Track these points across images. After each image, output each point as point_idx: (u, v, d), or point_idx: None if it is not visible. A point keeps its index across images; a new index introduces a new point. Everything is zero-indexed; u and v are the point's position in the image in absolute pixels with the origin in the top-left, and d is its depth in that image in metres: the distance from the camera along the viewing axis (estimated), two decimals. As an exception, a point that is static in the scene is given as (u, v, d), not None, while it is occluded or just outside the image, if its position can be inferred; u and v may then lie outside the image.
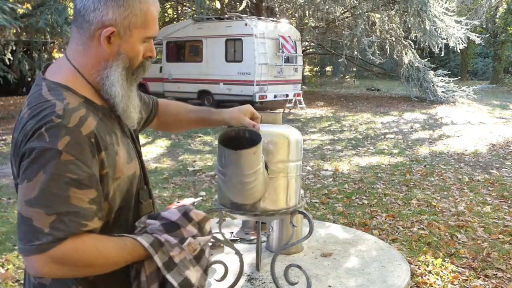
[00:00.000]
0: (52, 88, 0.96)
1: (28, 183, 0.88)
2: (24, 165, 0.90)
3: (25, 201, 0.88)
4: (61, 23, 10.87)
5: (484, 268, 3.23)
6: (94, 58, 0.99)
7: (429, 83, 15.54)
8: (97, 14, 0.96)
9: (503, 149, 7.78)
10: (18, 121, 0.97)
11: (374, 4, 14.27)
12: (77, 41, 1.00)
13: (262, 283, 1.53)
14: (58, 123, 0.89)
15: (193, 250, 1.04)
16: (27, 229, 0.88)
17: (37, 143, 0.88)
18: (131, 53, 1.01)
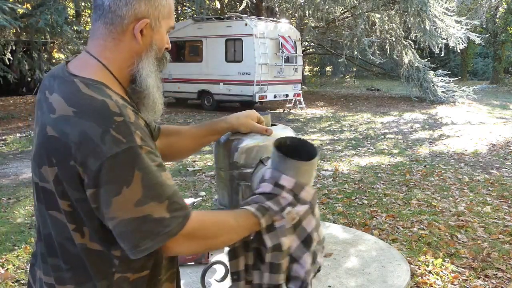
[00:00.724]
0: (90, 85, 0.94)
1: (128, 187, 0.87)
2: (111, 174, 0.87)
3: (134, 204, 0.88)
4: (61, 23, 10.86)
5: (484, 268, 3.23)
6: (126, 53, 0.99)
7: (429, 83, 15.54)
8: (130, 7, 0.96)
9: (503, 149, 7.78)
10: (57, 119, 0.91)
11: (374, 4, 14.27)
12: (105, 38, 0.98)
13: (262, 283, 1.53)
14: (122, 121, 0.89)
15: (292, 219, 1.07)
16: (150, 225, 0.89)
17: (115, 147, 0.86)
18: (160, 44, 1.03)
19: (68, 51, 15.84)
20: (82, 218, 0.93)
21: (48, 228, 0.98)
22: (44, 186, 0.95)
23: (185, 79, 13.61)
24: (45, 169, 0.93)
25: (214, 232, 1.00)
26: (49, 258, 0.99)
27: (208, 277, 1.46)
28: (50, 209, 0.96)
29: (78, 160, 0.87)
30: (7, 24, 9.25)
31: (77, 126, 0.88)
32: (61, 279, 0.98)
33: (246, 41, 12.25)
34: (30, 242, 3.72)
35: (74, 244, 0.95)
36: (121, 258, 0.97)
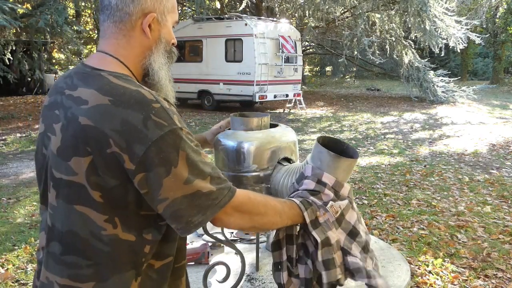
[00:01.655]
0: (118, 77, 0.97)
1: (176, 167, 0.91)
2: (159, 157, 0.90)
3: (184, 182, 0.92)
4: (61, 23, 10.86)
5: (484, 268, 3.23)
6: (138, 48, 1.03)
7: (429, 83, 15.53)
8: (136, 4, 1.00)
9: (503, 149, 7.78)
10: (91, 109, 0.93)
11: (374, 4, 14.27)
12: (116, 36, 1.02)
13: (262, 283, 1.53)
14: (160, 106, 0.93)
15: (335, 212, 1.14)
16: (201, 200, 0.94)
17: (158, 130, 0.90)
18: (168, 37, 1.07)
19: (68, 51, 15.85)
20: (114, 208, 0.95)
21: (69, 225, 0.97)
22: (71, 179, 0.95)
23: (185, 79, 13.60)
24: (75, 160, 0.93)
25: (260, 210, 1.04)
26: (66, 257, 0.98)
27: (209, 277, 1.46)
28: (76, 203, 0.95)
29: (122, 147, 0.89)
30: (7, 24, 9.25)
31: (116, 114, 0.90)
32: (79, 276, 0.97)
33: (246, 41, 12.25)
34: (30, 242, 3.72)
35: (99, 238, 0.96)
36: (151, 243, 0.99)
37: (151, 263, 1.01)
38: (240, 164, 1.35)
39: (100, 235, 0.95)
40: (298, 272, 1.17)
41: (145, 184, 0.91)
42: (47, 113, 1.04)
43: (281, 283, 1.17)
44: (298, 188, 1.18)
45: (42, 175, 1.06)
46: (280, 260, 1.17)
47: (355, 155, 1.22)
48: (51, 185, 1.00)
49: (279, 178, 1.34)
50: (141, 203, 0.95)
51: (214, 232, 1.73)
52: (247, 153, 1.35)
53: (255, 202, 1.03)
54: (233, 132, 1.41)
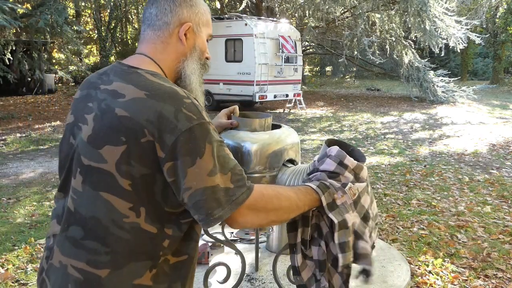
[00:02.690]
0: (154, 75, 1.06)
1: (201, 158, 0.97)
2: (186, 147, 0.96)
3: (207, 174, 0.97)
4: (61, 23, 10.86)
5: (484, 268, 3.23)
6: (173, 53, 1.13)
7: (429, 83, 15.53)
8: (174, 14, 1.12)
9: (503, 149, 7.77)
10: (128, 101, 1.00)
11: (374, 4, 14.27)
12: (154, 41, 1.13)
13: (262, 283, 1.53)
14: (191, 102, 1.01)
15: (353, 194, 1.14)
16: (220, 194, 0.98)
17: (188, 122, 0.97)
18: (202, 47, 1.18)
19: (68, 51, 15.84)
20: (141, 197, 1.00)
21: (93, 211, 1.02)
22: (101, 167, 1.00)
23: (185, 79, 13.60)
24: (108, 149, 0.99)
25: (275, 205, 1.06)
26: (87, 241, 1.02)
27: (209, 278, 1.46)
28: (102, 190, 1.00)
29: (156, 136, 0.96)
30: (7, 24, 9.25)
31: (151, 106, 0.98)
32: (96, 262, 1.01)
33: (246, 41, 12.25)
34: (30, 242, 3.72)
35: (120, 226, 1.00)
36: (171, 239, 1.04)
37: (168, 258, 1.05)
38: (245, 165, 1.35)
39: (122, 223, 1.00)
40: (312, 254, 1.18)
41: (173, 172, 0.97)
42: (78, 106, 1.10)
43: (296, 265, 1.18)
44: (318, 167, 1.18)
45: (67, 162, 1.10)
46: (295, 242, 1.17)
47: (362, 158, 1.22)
48: (78, 172, 1.04)
49: (284, 180, 1.35)
50: (166, 198, 1.01)
51: (214, 232, 1.73)
52: (253, 154, 1.35)
53: (269, 198, 1.05)
54: (237, 133, 1.41)
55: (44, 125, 10.37)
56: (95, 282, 1.00)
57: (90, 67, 20.06)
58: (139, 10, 25.60)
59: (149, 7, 1.14)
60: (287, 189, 1.12)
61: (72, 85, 20.90)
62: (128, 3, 20.50)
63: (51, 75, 18.13)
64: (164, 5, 1.12)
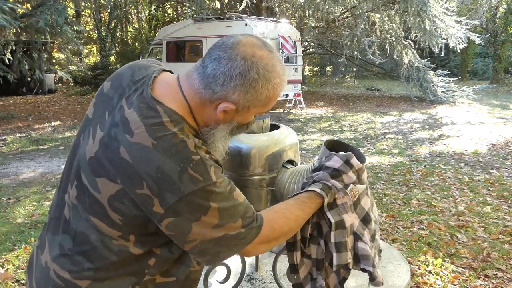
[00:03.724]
0: (174, 120, 0.97)
1: (205, 215, 0.94)
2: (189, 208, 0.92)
3: (213, 227, 0.95)
4: (61, 23, 10.86)
5: (484, 268, 3.23)
6: (206, 115, 1.03)
7: (429, 83, 15.52)
8: (223, 89, 0.98)
9: (503, 149, 7.77)
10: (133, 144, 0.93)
11: (374, 4, 14.26)
12: (195, 91, 1.01)
13: (262, 283, 1.53)
14: (199, 159, 0.94)
15: (354, 196, 1.15)
16: (229, 241, 0.97)
17: (193, 185, 0.92)
18: (242, 122, 1.07)
19: (68, 51, 15.83)
20: (132, 229, 0.99)
21: (83, 228, 1.01)
22: (94, 195, 0.98)
23: (185, 79, 13.59)
24: (104, 181, 0.96)
25: (284, 231, 1.07)
26: (73, 253, 1.01)
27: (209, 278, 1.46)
28: (93, 215, 0.99)
29: (155, 192, 0.92)
30: (7, 24, 9.24)
31: (155, 159, 0.92)
32: (78, 274, 1.00)
33: (246, 41, 12.24)
34: (30, 242, 3.72)
35: (109, 248, 0.99)
36: (157, 257, 1.02)
37: (154, 277, 1.03)
38: (245, 168, 1.35)
39: (112, 245, 0.99)
40: (311, 253, 1.19)
41: (173, 228, 0.94)
42: (100, 104, 1.05)
43: (294, 263, 1.18)
44: (325, 163, 1.19)
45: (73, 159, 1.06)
46: (294, 240, 1.18)
47: (361, 158, 1.22)
48: (75, 184, 1.02)
49: (284, 181, 1.34)
50: (159, 231, 0.98)
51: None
52: (251, 157, 1.35)
53: (279, 228, 1.05)
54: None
55: (44, 125, 10.36)
56: None
57: (90, 67, 20.04)
58: (139, 10, 25.61)
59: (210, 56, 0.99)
60: (293, 207, 1.09)
61: (72, 85, 20.90)
62: (128, 3, 20.49)
63: (51, 75, 18.13)
64: (220, 74, 0.97)
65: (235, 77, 0.96)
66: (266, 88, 0.99)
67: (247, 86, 0.97)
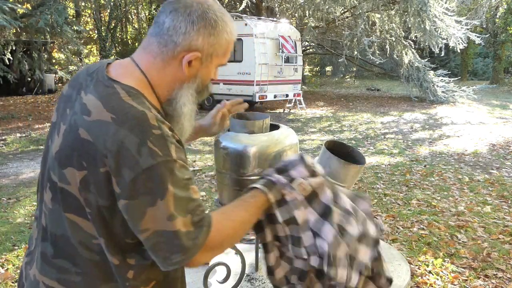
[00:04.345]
0: (131, 93, 0.95)
1: (162, 200, 0.89)
2: (146, 186, 0.88)
3: (167, 217, 0.89)
4: (61, 23, 10.86)
5: (484, 268, 3.23)
6: (170, 77, 1.01)
7: (429, 83, 15.52)
8: (187, 37, 0.98)
9: (503, 149, 7.77)
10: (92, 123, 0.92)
11: (374, 4, 14.26)
12: (155, 55, 1.00)
13: (262, 283, 1.53)
14: (160, 134, 0.90)
15: (303, 189, 1.07)
16: (182, 240, 0.91)
17: (151, 159, 0.88)
18: (205, 78, 1.05)
19: (68, 51, 15.84)
20: (99, 228, 0.94)
21: (62, 230, 0.97)
22: (65, 187, 0.95)
23: (185, 79, 13.60)
24: (70, 171, 0.93)
25: (231, 235, 1.02)
26: (57, 260, 0.98)
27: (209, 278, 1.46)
28: (68, 212, 0.96)
29: (112, 168, 0.88)
30: (7, 24, 9.24)
31: (114, 134, 0.89)
32: (67, 281, 0.97)
33: (246, 41, 12.24)
34: (30, 242, 3.72)
35: (89, 248, 0.96)
36: (135, 269, 0.98)
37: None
38: (244, 168, 1.35)
39: (91, 244, 0.95)
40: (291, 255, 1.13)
41: (127, 211, 0.90)
42: (61, 105, 1.03)
43: (269, 265, 1.14)
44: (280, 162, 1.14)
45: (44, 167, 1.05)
46: (266, 242, 1.13)
47: (361, 159, 1.22)
48: (48, 186, 1.00)
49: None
50: (126, 230, 0.94)
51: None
52: (252, 157, 1.34)
53: (227, 231, 1.00)
54: (236, 135, 1.40)
55: (44, 125, 10.36)
56: None
57: (90, 67, 20.00)
58: (139, 10, 25.61)
59: (165, 13, 1.00)
60: (238, 209, 1.04)
61: (72, 85, 20.87)
62: (128, 3, 20.50)
63: (51, 75, 18.12)
64: (180, 22, 0.97)
65: (196, 20, 0.97)
66: (225, 30, 1.01)
67: (209, 28, 0.98)
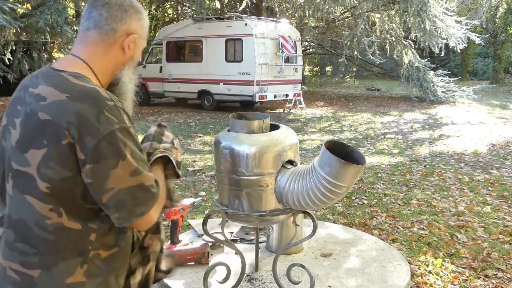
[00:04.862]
0: (77, 77, 1.07)
1: (124, 161, 1.01)
2: (108, 150, 1.00)
3: (130, 174, 1.02)
4: (61, 23, 10.85)
5: (484, 268, 3.23)
6: (112, 60, 1.16)
7: (429, 83, 15.53)
8: (123, 23, 1.15)
9: (503, 149, 7.77)
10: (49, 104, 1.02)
11: (374, 4, 14.27)
12: (96, 44, 1.14)
13: (262, 283, 1.54)
14: (113, 105, 1.04)
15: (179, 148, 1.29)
16: (144, 192, 1.05)
17: (109, 126, 1.00)
18: (137, 58, 1.23)
19: (68, 51, 15.84)
20: (61, 198, 1.03)
21: (21, 214, 1.06)
22: (26, 170, 1.03)
23: (185, 79, 13.60)
24: (32, 152, 1.03)
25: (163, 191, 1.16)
26: (18, 244, 1.06)
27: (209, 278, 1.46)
28: (26, 193, 1.04)
29: (75, 138, 0.99)
30: (7, 24, 9.24)
31: (72, 108, 1.00)
32: (28, 263, 1.05)
33: (246, 41, 12.24)
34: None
35: (43, 228, 1.03)
36: (97, 232, 1.06)
37: (99, 252, 1.08)
38: (245, 168, 1.35)
39: (45, 225, 1.03)
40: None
41: (92, 174, 1.00)
42: (10, 108, 1.13)
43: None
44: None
45: (0, 166, 1.13)
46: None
47: (361, 159, 1.22)
48: (10, 176, 1.08)
49: (284, 182, 1.34)
50: (86, 198, 1.03)
51: (214, 232, 1.73)
52: (252, 156, 1.34)
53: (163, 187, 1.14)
54: (237, 135, 1.40)
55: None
56: (29, 281, 1.04)
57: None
58: (139, 10, 25.58)
59: (98, 8, 1.14)
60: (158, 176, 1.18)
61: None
62: (128, 3, 20.47)
63: (51, 75, 18.11)
64: (116, 12, 1.14)
65: (128, 8, 1.15)
66: (145, 16, 1.22)
67: (138, 14, 1.17)
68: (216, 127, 10.20)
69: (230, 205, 1.41)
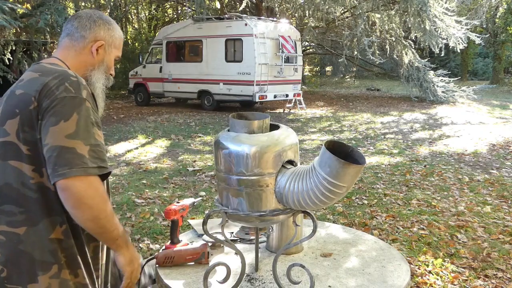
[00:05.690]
0: (53, 64, 1.28)
1: (65, 122, 1.13)
2: (55, 109, 1.14)
3: (66, 136, 1.12)
4: (61, 23, 10.84)
5: (484, 268, 3.23)
6: (83, 62, 1.35)
7: (429, 83, 15.53)
8: (92, 31, 1.36)
9: (503, 149, 7.77)
10: (24, 82, 1.22)
11: (374, 4, 14.26)
12: (69, 49, 1.36)
13: (262, 283, 1.53)
14: (76, 80, 1.21)
15: None
16: (73, 156, 1.12)
17: (65, 93, 1.16)
18: (109, 64, 1.41)
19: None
20: (41, 159, 1.16)
21: (6, 179, 1.18)
22: (6, 140, 1.18)
23: (185, 79, 13.60)
24: (9, 123, 1.18)
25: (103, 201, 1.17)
26: (4, 206, 1.18)
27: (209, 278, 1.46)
28: (9, 159, 1.17)
29: (38, 102, 1.16)
30: (7, 24, 9.24)
31: (40, 81, 1.19)
32: (14, 222, 1.17)
33: (246, 41, 12.24)
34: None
35: (28, 187, 1.17)
36: None
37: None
38: (245, 168, 1.34)
39: (30, 184, 1.17)
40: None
41: (40, 130, 1.14)
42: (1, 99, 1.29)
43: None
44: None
45: None
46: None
47: (361, 159, 1.22)
48: None
49: (284, 182, 1.34)
50: None
51: (214, 232, 1.73)
52: (252, 156, 1.34)
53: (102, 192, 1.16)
54: (237, 135, 1.40)
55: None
56: (15, 239, 1.16)
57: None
58: (139, 10, 25.60)
59: (72, 20, 1.37)
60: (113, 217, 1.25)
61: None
62: (128, 3, 20.50)
63: (51, 75, 18.12)
64: (85, 22, 1.35)
65: (97, 20, 1.37)
66: (117, 29, 1.40)
67: (106, 24, 1.38)
68: (216, 127, 10.20)
69: (230, 205, 1.41)
